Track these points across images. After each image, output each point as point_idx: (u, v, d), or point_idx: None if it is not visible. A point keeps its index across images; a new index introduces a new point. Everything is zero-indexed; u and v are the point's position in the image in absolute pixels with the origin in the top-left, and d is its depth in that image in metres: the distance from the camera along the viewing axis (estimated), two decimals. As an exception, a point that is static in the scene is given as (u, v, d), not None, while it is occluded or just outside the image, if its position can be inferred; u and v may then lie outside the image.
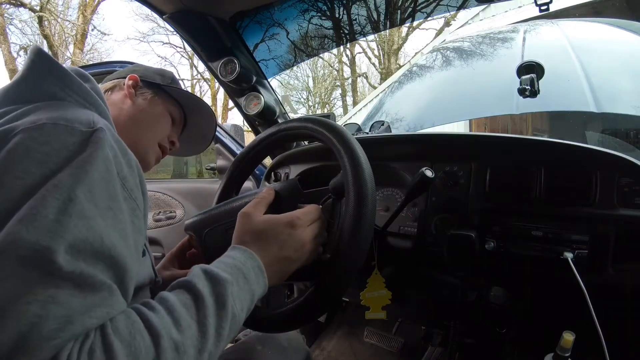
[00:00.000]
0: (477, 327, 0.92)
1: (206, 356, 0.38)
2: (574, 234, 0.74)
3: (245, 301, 0.45)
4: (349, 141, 0.61)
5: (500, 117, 3.82)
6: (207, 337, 0.38)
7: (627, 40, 1.67)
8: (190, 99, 0.79)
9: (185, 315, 0.38)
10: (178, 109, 0.79)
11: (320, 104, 15.11)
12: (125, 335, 0.34)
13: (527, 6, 3.93)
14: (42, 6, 9.72)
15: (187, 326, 0.37)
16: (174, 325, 0.37)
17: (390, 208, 0.95)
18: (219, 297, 0.41)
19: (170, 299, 0.39)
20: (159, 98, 0.75)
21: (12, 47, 10.03)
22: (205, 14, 1.02)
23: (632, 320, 0.78)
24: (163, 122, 0.74)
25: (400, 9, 1.16)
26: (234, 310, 0.42)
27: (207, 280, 0.42)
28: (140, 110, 0.71)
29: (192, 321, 0.38)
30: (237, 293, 0.43)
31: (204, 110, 0.81)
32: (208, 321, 0.39)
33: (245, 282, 0.45)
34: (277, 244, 0.52)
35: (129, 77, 0.73)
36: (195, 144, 0.88)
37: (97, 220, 0.36)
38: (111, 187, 0.39)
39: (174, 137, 0.78)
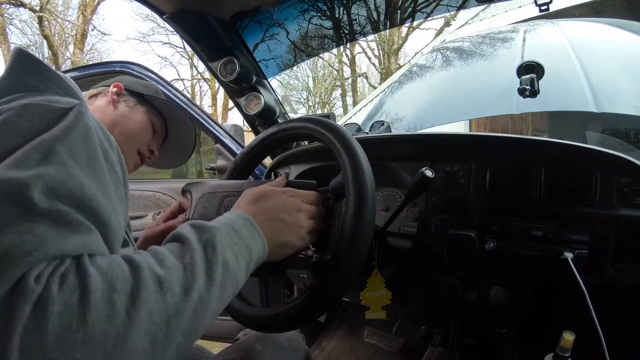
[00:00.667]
0: (477, 327, 0.92)
1: (195, 297, 0.36)
2: (574, 234, 0.74)
3: (242, 255, 0.43)
4: (349, 141, 0.61)
5: (500, 117, 3.81)
6: (196, 278, 0.36)
7: (627, 40, 1.67)
8: (172, 110, 0.82)
9: (170, 257, 0.37)
10: (160, 120, 0.82)
11: (320, 104, 15.12)
12: (103, 266, 0.33)
13: (527, 6, 3.93)
14: (42, 6, 9.72)
15: (172, 265, 0.36)
16: (157, 263, 0.36)
17: (390, 208, 0.95)
18: (207, 243, 0.40)
19: (156, 247, 0.39)
20: (142, 107, 0.78)
21: (12, 47, 10.02)
22: (205, 14, 1.02)
23: (632, 320, 0.78)
24: (143, 129, 0.77)
25: (400, 9, 1.16)
26: (225, 257, 0.40)
27: (193, 229, 0.41)
28: (122, 116, 0.75)
29: (178, 262, 0.37)
30: (227, 242, 0.42)
31: (184, 122, 0.84)
32: (195, 262, 0.37)
33: (238, 236, 0.44)
34: (273, 205, 0.52)
35: (114, 85, 0.77)
36: (175, 156, 0.90)
37: (76, 171, 0.36)
38: (92, 150, 0.40)
39: (154, 146, 0.81)
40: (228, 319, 1.45)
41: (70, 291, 0.30)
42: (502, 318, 0.85)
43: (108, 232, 0.38)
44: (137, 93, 0.79)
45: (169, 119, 0.84)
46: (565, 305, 0.84)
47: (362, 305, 0.79)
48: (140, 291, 0.32)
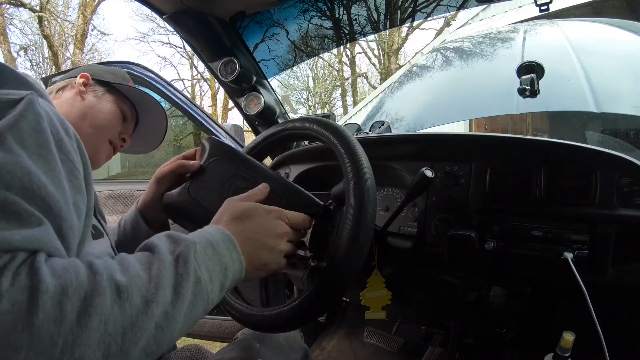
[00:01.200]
0: (477, 327, 0.92)
1: (158, 311, 0.33)
2: (574, 234, 0.74)
3: (216, 272, 0.40)
4: (353, 147, 0.61)
5: (500, 117, 3.81)
6: (159, 291, 0.34)
7: (627, 40, 1.67)
8: (140, 96, 0.81)
9: (135, 265, 0.35)
10: (130, 107, 0.80)
11: (320, 104, 15.12)
12: (58, 268, 0.31)
13: (527, 6, 3.93)
14: (42, 6, 9.72)
15: (135, 274, 0.34)
16: (119, 270, 0.33)
17: (390, 208, 0.95)
18: (180, 256, 0.38)
19: (125, 254, 0.37)
20: (110, 95, 0.77)
21: (12, 47, 10.04)
22: (205, 14, 1.02)
23: (632, 320, 0.78)
24: (113, 118, 0.75)
25: (400, 9, 1.16)
26: (198, 274, 0.38)
27: (168, 240, 0.39)
28: (91, 107, 0.73)
29: (143, 272, 0.34)
30: (202, 259, 0.39)
31: (155, 107, 0.83)
32: (162, 274, 0.35)
33: (214, 252, 0.41)
34: (257, 226, 0.49)
35: (80, 75, 0.75)
36: (148, 142, 0.89)
37: (25, 159, 0.35)
38: (42, 138, 0.38)
39: (125, 134, 0.79)
40: (228, 319, 1.46)
41: (20, 289, 0.28)
42: (502, 318, 0.85)
43: (61, 224, 0.36)
44: (104, 82, 0.77)
45: (139, 105, 0.82)
46: (565, 305, 0.84)
47: (362, 305, 0.79)
48: (94, 298, 0.30)
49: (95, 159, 0.73)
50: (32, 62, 11.22)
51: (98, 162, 0.74)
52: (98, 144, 0.73)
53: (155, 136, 0.89)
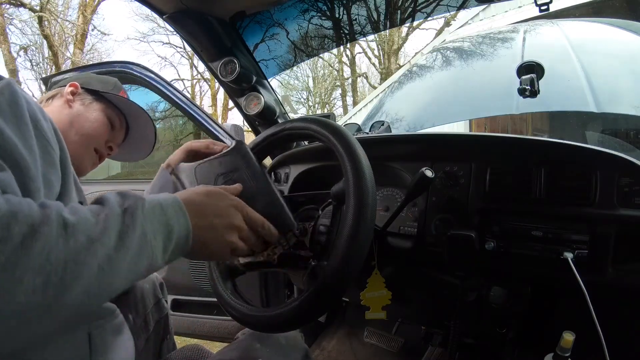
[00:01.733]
0: (477, 327, 0.92)
1: (102, 253, 0.34)
2: (574, 234, 0.74)
3: (160, 231, 0.41)
4: (353, 148, 0.61)
5: (500, 117, 3.81)
6: (105, 234, 0.35)
7: (627, 40, 1.67)
8: (129, 105, 0.82)
9: (84, 210, 0.36)
10: (119, 115, 0.82)
11: (320, 104, 15.11)
12: (12, 199, 0.32)
13: (527, 6, 3.93)
14: (42, 6, 9.72)
15: (83, 215, 0.35)
16: (69, 210, 0.34)
17: (390, 208, 0.95)
18: (128, 209, 0.38)
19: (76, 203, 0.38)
20: (98, 104, 0.78)
21: (12, 47, 10.03)
22: (205, 14, 1.02)
23: (632, 320, 0.78)
24: (100, 126, 0.77)
25: (400, 9, 1.16)
26: (144, 229, 0.39)
27: (118, 195, 0.40)
28: (78, 115, 0.75)
29: (90, 216, 0.35)
30: (149, 216, 0.40)
31: (141, 116, 0.84)
32: (109, 220, 0.36)
33: (162, 212, 0.42)
34: (210, 203, 0.49)
35: (69, 84, 0.77)
36: (139, 150, 0.91)
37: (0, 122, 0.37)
38: (19, 111, 0.39)
39: (113, 143, 0.81)
40: (228, 319, 1.46)
41: None
42: (502, 318, 0.85)
43: (27, 182, 0.37)
44: (93, 90, 0.79)
45: (128, 113, 0.83)
46: (565, 305, 0.84)
47: (362, 305, 0.79)
48: (41, 227, 0.31)
49: (81, 166, 0.76)
50: (32, 62, 11.22)
51: (84, 169, 0.76)
52: (84, 152, 0.75)
53: (145, 144, 0.90)
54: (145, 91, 1.62)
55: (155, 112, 7.67)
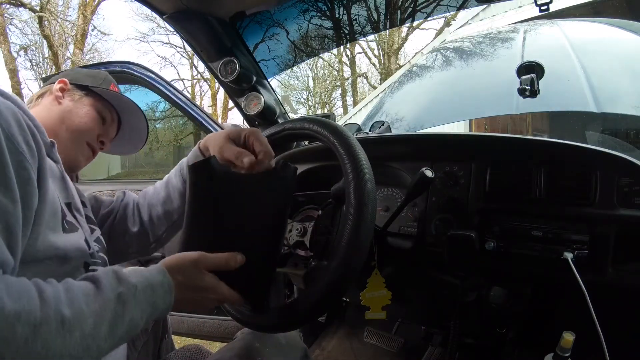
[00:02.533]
0: (477, 327, 0.92)
1: (94, 347, 0.38)
2: (574, 234, 0.74)
3: (147, 312, 0.45)
4: (353, 148, 0.61)
5: (500, 117, 3.81)
6: (98, 328, 0.39)
7: (627, 40, 1.67)
8: (119, 99, 0.81)
9: (81, 299, 0.39)
10: (110, 109, 0.81)
11: (320, 104, 15.11)
12: (13, 291, 0.34)
13: (527, 6, 3.93)
14: (42, 6, 9.71)
15: (78, 308, 0.38)
16: (66, 302, 0.38)
17: (390, 208, 0.95)
18: (121, 297, 0.42)
19: (72, 282, 0.41)
20: (88, 99, 0.77)
21: (12, 47, 10.03)
22: (205, 14, 1.02)
23: (632, 320, 0.78)
24: (90, 121, 0.76)
25: (400, 9, 1.16)
26: (133, 316, 0.43)
27: (113, 279, 0.43)
28: (68, 111, 0.74)
29: (86, 307, 0.39)
30: (140, 299, 0.44)
31: (134, 110, 0.83)
32: (103, 313, 0.40)
33: (152, 293, 0.46)
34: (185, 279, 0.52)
35: (58, 80, 0.76)
36: (131, 143, 0.90)
37: None
38: None
39: (105, 137, 0.80)
40: (228, 319, 1.46)
41: None
42: (502, 318, 0.85)
43: (9, 220, 0.39)
44: (83, 86, 0.78)
45: (119, 107, 0.82)
46: (565, 305, 0.84)
47: (362, 305, 0.79)
48: (42, 326, 0.35)
49: (75, 161, 0.75)
50: (32, 62, 11.22)
51: (77, 164, 0.76)
52: (76, 147, 0.74)
53: (137, 137, 0.89)
54: (145, 91, 1.62)
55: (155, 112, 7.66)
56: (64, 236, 0.52)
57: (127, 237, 0.78)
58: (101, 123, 0.79)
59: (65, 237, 0.52)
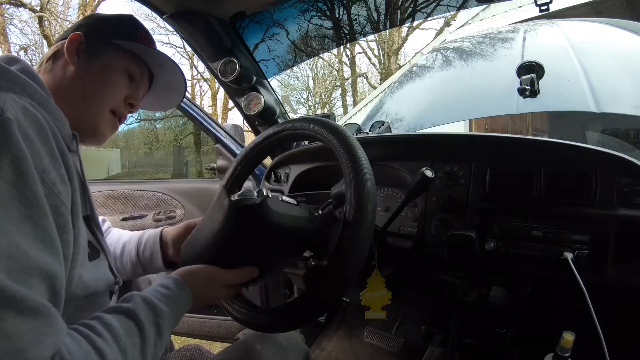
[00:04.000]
0: (477, 327, 0.92)
1: None
2: (574, 234, 0.74)
3: (173, 324, 0.50)
4: (353, 148, 0.61)
5: (500, 117, 3.81)
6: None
7: (627, 40, 1.67)
8: (149, 53, 0.67)
9: (129, 346, 0.42)
10: (138, 64, 0.67)
11: (320, 104, 15.10)
12: (76, 353, 0.36)
13: (527, 6, 3.93)
14: (42, 6, 9.71)
15: (131, 356, 0.42)
16: (121, 355, 0.41)
17: (390, 208, 0.95)
18: (159, 328, 0.47)
19: (115, 325, 0.42)
20: (110, 54, 0.63)
21: (12, 47, 10.03)
22: (205, 14, 1.02)
23: (632, 320, 0.78)
24: (114, 84, 0.63)
25: (400, 9, 1.16)
26: (166, 337, 0.48)
27: (149, 311, 0.47)
28: (84, 75, 0.61)
29: (136, 351, 0.43)
30: (171, 321, 0.49)
31: (166, 63, 0.71)
32: (148, 350, 0.44)
33: (178, 312, 0.52)
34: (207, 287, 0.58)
35: (70, 36, 0.60)
36: (166, 99, 0.78)
37: (16, 236, 0.35)
38: (27, 192, 0.37)
39: (134, 98, 0.67)
40: (228, 319, 1.46)
41: None
42: (502, 318, 0.85)
43: (56, 283, 0.39)
44: (102, 38, 0.63)
45: (151, 61, 0.69)
46: (565, 305, 0.84)
47: (362, 305, 0.79)
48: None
49: (97, 134, 0.64)
50: (32, 62, 11.21)
51: (101, 136, 0.65)
52: (98, 118, 0.62)
53: (174, 92, 0.76)
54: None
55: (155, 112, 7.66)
56: (90, 265, 0.51)
57: None
58: (128, 82, 0.66)
59: (91, 269, 0.52)
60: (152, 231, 0.78)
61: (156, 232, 0.78)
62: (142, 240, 0.77)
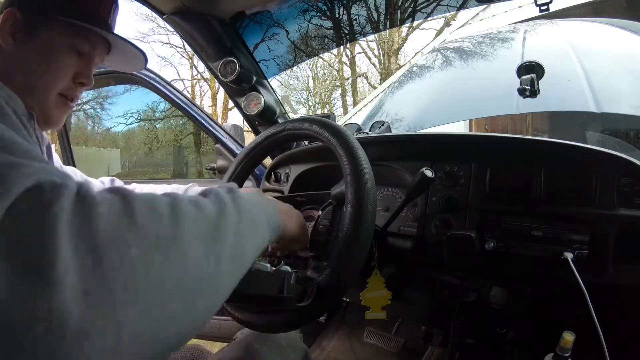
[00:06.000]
0: (477, 327, 0.92)
1: (231, 223, 0.34)
2: (574, 234, 0.74)
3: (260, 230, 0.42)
4: (353, 148, 0.61)
5: (500, 117, 3.82)
6: (226, 210, 0.35)
7: (627, 41, 1.67)
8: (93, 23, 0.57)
9: (203, 200, 0.35)
10: (86, 35, 0.57)
11: (320, 104, 15.10)
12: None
13: (527, 6, 3.92)
14: None
15: (200, 198, 0.34)
16: (190, 202, 0.33)
17: (390, 208, 0.95)
18: (238, 206, 0.37)
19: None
20: (50, 32, 0.54)
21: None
22: (205, 14, 1.02)
23: (632, 320, 0.78)
24: (59, 67, 0.55)
25: (400, 9, 1.16)
26: (255, 219, 0.39)
27: (226, 191, 0.39)
28: (24, 60, 0.53)
29: (212, 206, 0.34)
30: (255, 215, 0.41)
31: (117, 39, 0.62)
32: (225, 202, 0.36)
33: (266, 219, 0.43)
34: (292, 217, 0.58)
35: (3, 16, 0.52)
36: (132, 63, 0.70)
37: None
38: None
39: (84, 76, 0.59)
40: (227, 319, 1.45)
41: (110, 198, 0.27)
42: (502, 318, 0.85)
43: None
44: (38, 11, 0.54)
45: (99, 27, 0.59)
46: (565, 305, 0.84)
47: (362, 305, 0.79)
48: (178, 203, 0.30)
49: (51, 121, 0.58)
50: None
51: (56, 122, 0.59)
52: (45, 104, 0.55)
53: (136, 58, 0.69)
54: (145, 91, 1.62)
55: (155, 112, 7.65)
56: None
57: None
58: (76, 59, 0.57)
59: None
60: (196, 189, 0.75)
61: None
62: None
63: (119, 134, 8.55)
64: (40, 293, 0.21)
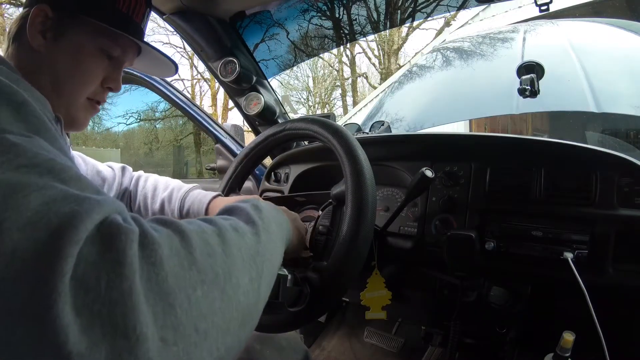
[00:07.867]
0: (477, 327, 0.92)
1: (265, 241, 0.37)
2: (574, 234, 0.74)
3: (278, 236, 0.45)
4: (353, 149, 0.61)
5: (500, 117, 3.82)
6: (259, 233, 0.38)
7: (627, 40, 1.67)
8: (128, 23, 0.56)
9: (241, 225, 0.37)
10: (114, 38, 0.56)
11: (320, 104, 15.10)
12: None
13: (527, 6, 3.92)
14: (42, 6, 9.70)
15: (236, 222, 0.36)
16: (232, 228, 0.35)
17: (390, 208, 0.95)
18: (266, 226, 0.40)
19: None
20: (81, 33, 0.52)
21: (12, 47, 10.02)
22: (205, 14, 1.02)
23: (632, 320, 0.78)
24: (88, 70, 0.54)
25: (400, 9, 1.16)
26: (276, 237, 0.42)
27: (254, 210, 0.41)
28: (53, 62, 0.51)
29: (242, 222, 0.37)
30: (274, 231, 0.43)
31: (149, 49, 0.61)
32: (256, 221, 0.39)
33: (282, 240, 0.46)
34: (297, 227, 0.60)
35: (33, 11, 0.49)
36: (161, 69, 0.68)
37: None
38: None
39: (113, 81, 0.58)
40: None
41: (167, 235, 0.28)
42: (502, 318, 0.85)
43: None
44: (70, 12, 0.51)
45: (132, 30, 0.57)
46: (565, 305, 0.84)
47: (362, 305, 0.79)
48: (224, 233, 0.32)
49: (75, 123, 0.57)
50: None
51: (79, 125, 0.57)
52: (72, 107, 0.54)
53: (166, 65, 0.66)
54: (145, 91, 1.62)
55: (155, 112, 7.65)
56: None
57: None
58: (106, 62, 0.56)
59: None
60: (198, 196, 0.75)
61: (202, 201, 0.74)
62: (184, 204, 0.75)
63: (119, 134, 8.56)
64: (125, 348, 0.21)
